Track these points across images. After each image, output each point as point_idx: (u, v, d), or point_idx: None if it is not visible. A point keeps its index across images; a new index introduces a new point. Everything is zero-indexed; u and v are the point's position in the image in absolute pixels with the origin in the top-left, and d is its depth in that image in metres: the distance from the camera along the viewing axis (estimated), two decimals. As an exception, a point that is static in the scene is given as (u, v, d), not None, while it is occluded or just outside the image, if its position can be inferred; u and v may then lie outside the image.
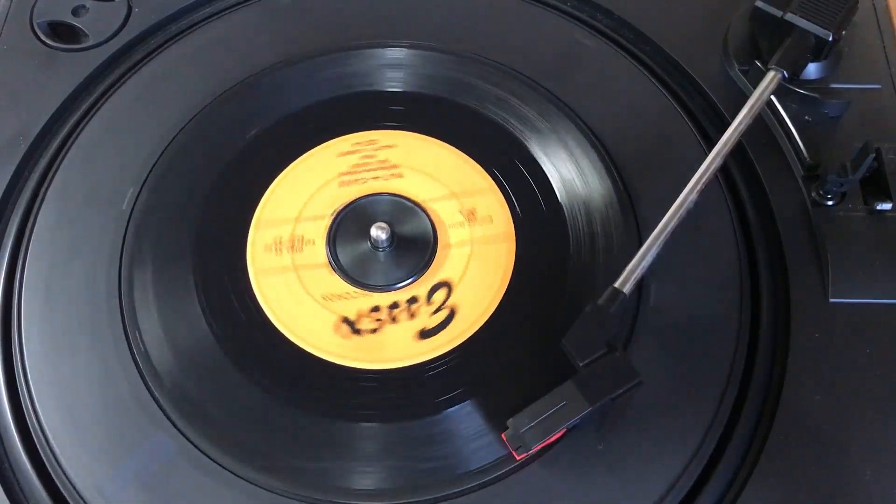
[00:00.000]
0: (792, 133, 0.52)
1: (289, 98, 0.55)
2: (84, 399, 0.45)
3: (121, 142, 0.54)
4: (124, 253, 0.49)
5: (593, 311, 0.42)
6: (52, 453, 0.44)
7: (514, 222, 0.51)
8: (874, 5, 0.58)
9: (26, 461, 0.45)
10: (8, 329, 0.48)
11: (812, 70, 0.54)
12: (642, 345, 0.46)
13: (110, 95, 0.56)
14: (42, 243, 0.50)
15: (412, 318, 0.48)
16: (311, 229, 0.50)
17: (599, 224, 0.50)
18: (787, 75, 0.51)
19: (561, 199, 0.51)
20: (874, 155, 0.48)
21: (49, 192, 0.52)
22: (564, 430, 0.41)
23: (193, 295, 0.48)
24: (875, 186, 0.50)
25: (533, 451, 0.41)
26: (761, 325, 0.47)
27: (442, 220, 0.51)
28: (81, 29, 0.59)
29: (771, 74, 0.51)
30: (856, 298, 0.47)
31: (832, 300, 0.47)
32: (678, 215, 0.45)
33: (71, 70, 0.57)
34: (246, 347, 0.47)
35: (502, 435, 0.41)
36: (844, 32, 0.53)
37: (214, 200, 0.52)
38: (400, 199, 0.51)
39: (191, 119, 0.54)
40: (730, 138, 0.47)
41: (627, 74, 0.56)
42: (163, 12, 0.60)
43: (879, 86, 0.54)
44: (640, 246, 0.44)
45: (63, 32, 0.59)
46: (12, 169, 0.53)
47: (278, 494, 0.43)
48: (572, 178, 0.52)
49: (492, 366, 0.46)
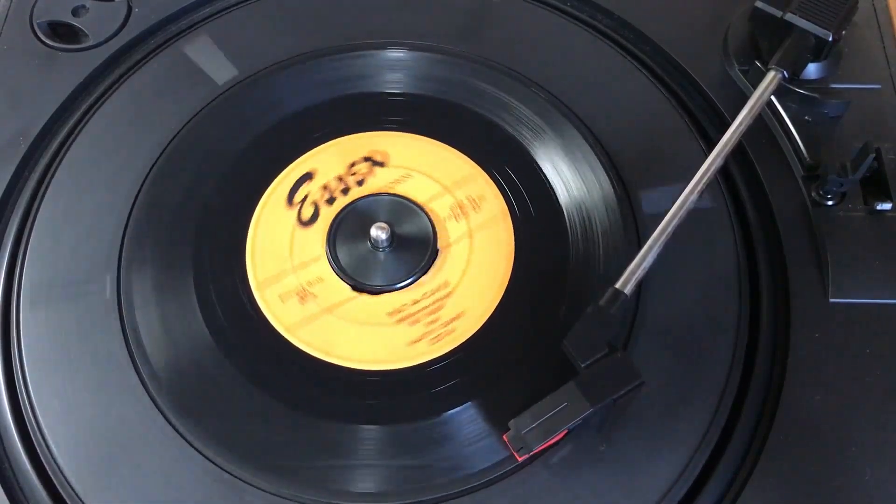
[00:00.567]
0: (792, 133, 0.52)
1: (289, 98, 0.55)
2: (83, 399, 0.45)
3: (121, 142, 0.54)
4: (124, 253, 0.49)
5: (594, 312, 0.42)
6: (52, 453, 0.44)
7: (514, 222, 0.51)
8: (874, 5, 0.58)
9: (26, 461, 0.45)
10: (8, 329, 0.48)
11: (812, 70, 0.54)
12: (643, 345, 0.46)
13: (110, 95, 0.56)
14: (42, 243, 0.50)
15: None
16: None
17: (599, 224, 0.50)
18: (787, 75, 0.51)
19: (561, 200, 0.51)
20: (874, 155, 0.48)
21: (49, 192, 0.52)
22: (566, 431, 0.41)
23: (193, 295, 0.48)
24: (875, 186, 0.50)
25: (534, 452, 0.41)
26: (761, 325, 0.47)
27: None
28: (81, 29, 0.58)
29: (771, 74, 0.51)
30: (856, 298, 0.47)
31: (832, 300, 0.47)
32: (678, 215, 0.45)
33: (71, 70, 0.57)
34: (245, 348, 0.47)
35: (504, 436, 0.41)
36: (844, 32, 0.53)
37: (215, 200, 0.52)
38: (400, 199, 0.51)
39: (191, 119, 0.54)
40: (730, 138, 0.47)
41: (627, 74, 0.56)
42: (163, 12, 0.59)
43: (879, 86, 0.54)
44: (641, 246, 0.44)
45: (63, 32, 0.59)
46: (12, 169, 0.53)
47: (278, 496, 0.43)
48: (572, 179, 0.52)
49: (493, 367, 0.46)
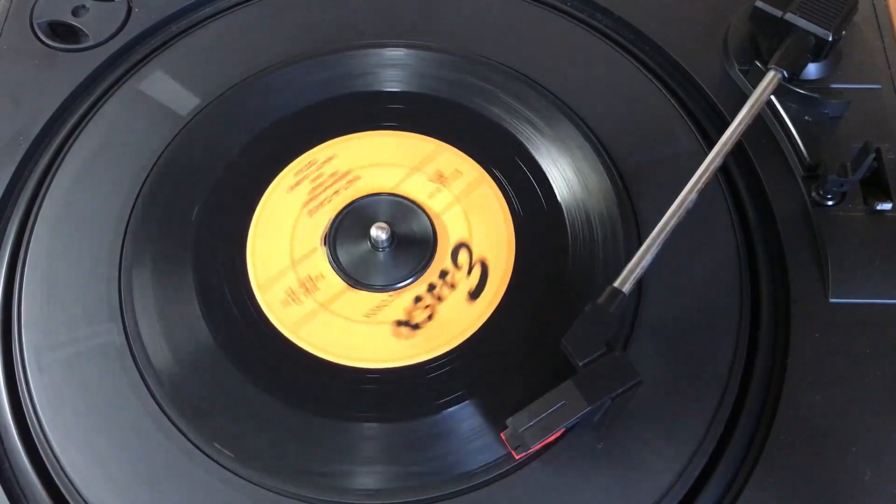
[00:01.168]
0: (792, 133, 0.52)
1: (289, 98, 0.55)
2: (84, 400, 0.45)
3: (121, 142, 0.54)
4: (124, 253, 0.49)
5: (593, 311, 0.42)
6: (52, 453, 0.44)
7: (514, 222, 0.51)
8: (874, 5, 0.58)
9: (26, 461, 0.45)
10: (8, 329, 0.48)
11: (812, 70, 0.54)
12: (642, 344, 0.46)
13: (110, 95, 0.56)
14: (42, 243, 0.50)
15: (454, 289, 0.48)
16: (313, 264, 0.50)
17: (599, 224, 0.50)
18: (787, 75, 0.51)
19: (561, 199, 0.51)
20: (874, 155, 0.47)
21: (49, 192, 0.52)
22: (564, 430, 0.41)
23: (193, 295, 0.48)
24: (875, 186, 0.50)
25: (532, 451, 0.41)
26: (761, 325, 0.47)
27: (423, 198, 0.51)
28: (81, 29, 0.59)
29: (771, 74, 0.51)
30: (856, 298, 0.47)
31: (832, 300, 0.47)
32: (678, 215, 0.45)
33: (71, 70, 0.57)
34: (245, 347, 0.47)
35: (501, 434, 0.41)
36: (844, 32, 0.53)
37: (215, 200, 0.52)
38: (400, 199, 0.51)
39: (191, 119, 0.54)
40: (730, 138, 0.47)
41: (627, 74, 0.56)
42: (163, 12, 0.60)
43: (879, 86, 0.54)
44: (640, 246, 0.44)
45: (63, 32, 0.59)
46: (12, 169, 0.53)
47: (278, 494, 0.43)
48: (572, 178, 0.52)
49: (491, 365, 0.46)
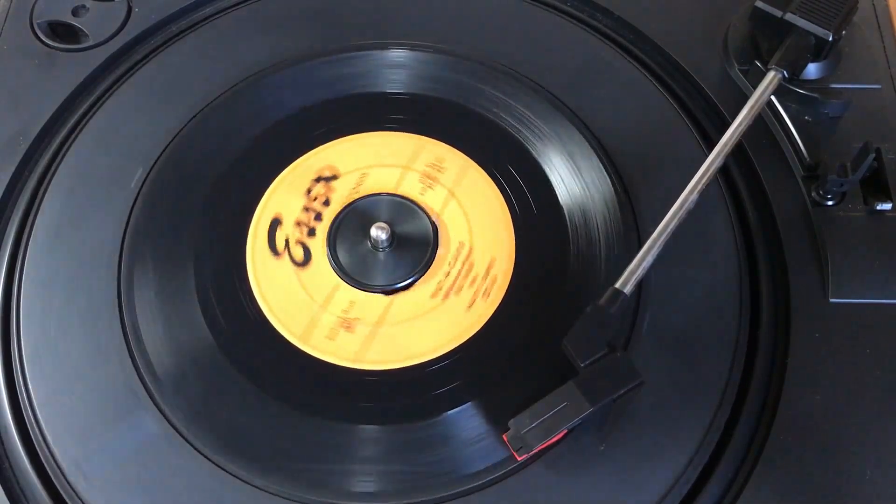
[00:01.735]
0: (792, 133, 0.52)
1: (289, 98, 0.55)
2: (84, 400, 0.45)
3: (120, 142, 0.54)
4: (124, 253, 0.49)
5: (594, 312, 0.42)
6: (52, 454, 0.44)
7: (514, 222, 0.51)
8: (874, 5, 0.58)
9: (26, 461, 0.45)
10: (8, 329, 0.48)
11: (812, 70, 0.54)
12: (643, 345, 0.46)
13: (110, 95, 0.56)
14: (42, 243, 0.50)
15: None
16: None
17: (599, 224, 0.50)
18: (787, 75, 0.51)
19: (561, 200, 0.51)
20: (874, 155, 0.48)
21: (49, 192, 0.52)
22: (565, 431, 0.41)
23: (193, 295, 0.48)
24: (875, 186, 0.50)
25: (534, 452, 0.41)
26: (761, 325, 0.47)
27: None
28: (81, 29, 0.58)
29: (771, 74, 0.51)
30: (856, 298, 0.47)
31: (832, 300, 0.47)
32: (678, 215, 0.45)
33: (71, 70, 0.57)
34: (245, 348, 0.47)
35: (503, 436, 0.41)
36: (844, 32, 0.53)
37: (214, 200, 0.52)
38: (400, 199, 0.51)
39: (190, 119, 0.54)
40: (730, 138, 0.47)
41: (627, 74, 0.56)
42: (163, 12, 0.59)
43: (879, 86, 0.54)
44: (641, 246, 0.44)
45: (63, 32, 0.59)
46: (12, 169, 0.53)
47: (278, 496, 0.43)
48: (572, 179, 0.52)
49: (492, 366, 0.46)
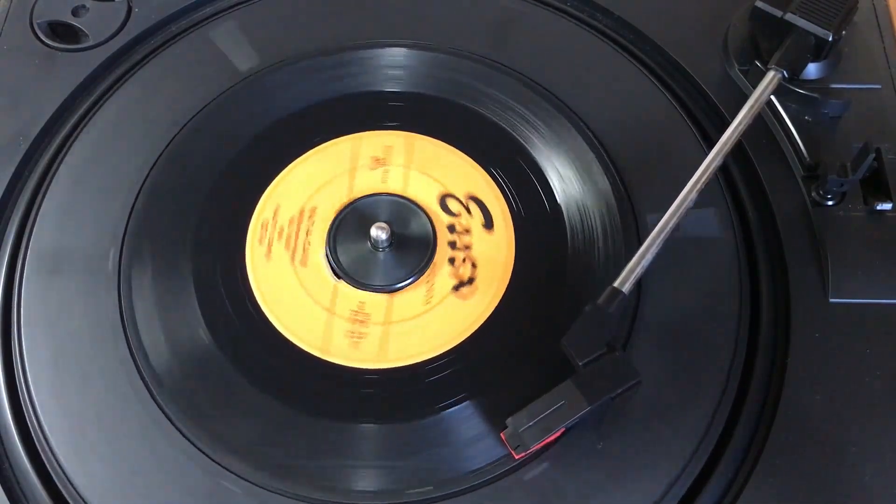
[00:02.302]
0: (792, 133, 0.52)
1: (289, 98, 0.55)
2: (84, 399, 0.45)
3: (120, 142, 0.54)
4: (124, 253, 0.49)
5: (593, 311, 0.42)
6: (52, 453, 0.44)
7: (514, 222, 0.51)
8: (874, 5, 0.58)
9: (26, 461, 0.45)
10: (8, 329, 0.48)
11: (812, 70, 0.54)
12: (642, 344, 0.46)
13: (110, 95, 0.56)
14: (42, 243, 0.50)
15: (469, 232, 0.50)
16: (345, 299, 0.49)
17: (599, 224, 0.50)
18: (787, 75, 0.51)
19: (561, 200, 0.51)
20: (874, 155, 0.48)
21: (49, 192, 0.52)
22: (563, 430, 0.41)
23: (193, 295, 0.48)
24: (875, 186, 0.50)
25: (532, 451, 0.41)
26: (761, 325, 0.47)
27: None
28: (81, 29, 0.59)
29: (771, 74, 0.51)
30: (856, 298, 0.47)
31: (832, 300, 0.47)
32: (678, 215, 0.45)
33: (71, 70, 0.57)
34: (245, 347, 0.47)
35: (501, 434, 0.41)
36: (844, 32, 0.53)
37: (214, 200, 0.52)
38: (400, 199, 0.51)
39: (190, 119, 0.54)
40: (730, 138, 0.47)
41: (627, 74, 0.56)
42: (163, 12, 0.59)
43: (879, 86, 0.54)
44: (640, 246, 0.44)
45: (63, 32, 0.59)
46: (12, 169, 0.53)
47: (278, 494, 0.43)
48: (572, 178, 0.52)
49: (491, 365, 0.46)
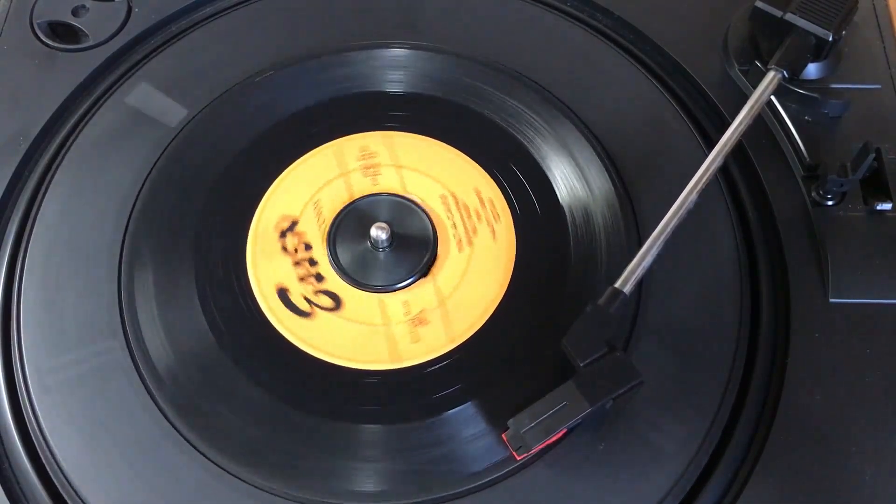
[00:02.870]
0: (792, 133, 0.52)
1: (289, 98, 0.55)
2: (84, 399, 0.45)
3: (121, 142, 0.54)
4: (124, 253, 0.49)
5: (593, 311, 0.42)
6: (52, 453, 0.44)
7: (514, 222, 0.51)
8: (874, 5, 0.58)
9: (26, 461, 0.45)
10: (8, 329, 0.48)
11: (812, 70, 0.54)
12: (643, 345, 0.46)
13: (110, 95, 0.56)
14: (42, 243, 0.50)
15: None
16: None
17: (599, 224, 0.50)
18: (787, 75, 0.51)
19: (561, 200, 0.51)
20: (874, 155, 0.48)
21: (49, 192, 0.52)
22: (565, 431, 0.41)
23: (194, 295, 0.48)
24: (875, 186, 0.50)
25: (533, 452, 0.41)
26: (761, 325, 0.47)
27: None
28: (81, 29, 0.58)
29: (771, 74, 0.51)
30: (856, 298, 0.47)
31: (832, 300, 0.47)
32: (678, 215, 0.45)
33: (71, 70, 0.57)
34: (246, 347, 0.47)
35: (503, 435, 0.41)
36: (844, 32, 0.53)
37: (215, 200, 0.52)
38: (400, 199, 0.51)
39: (191, 119, 0.54)
40: (730, 138, 0.47)
41: (627, 74, 0.56)
42: (163, 12, 0.59)
43: (879, 86, 0.54)
44: (640, 246, 0.44)
45: (63, 32, 0.59)
46: (12, 169, 0.53)
47: (279, 495, 0.43)
48: (572, 179, 0.52)
49: (492, 366, 0.46)
